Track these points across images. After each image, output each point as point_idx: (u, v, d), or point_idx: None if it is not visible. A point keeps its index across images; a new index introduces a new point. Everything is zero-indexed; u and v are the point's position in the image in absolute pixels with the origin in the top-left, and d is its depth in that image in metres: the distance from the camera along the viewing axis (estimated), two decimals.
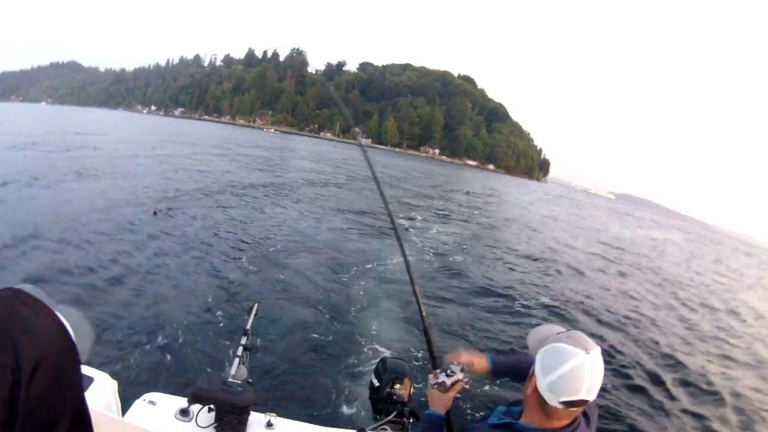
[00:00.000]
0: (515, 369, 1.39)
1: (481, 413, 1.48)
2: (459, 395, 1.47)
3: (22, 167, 13.31)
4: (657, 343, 7.76)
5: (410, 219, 15.70)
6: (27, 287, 0.63)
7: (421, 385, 2.52)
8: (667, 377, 6.36)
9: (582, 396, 1.05)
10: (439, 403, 1.42)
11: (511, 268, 11.24)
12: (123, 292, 5.75)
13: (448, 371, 1.45)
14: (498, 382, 4.65)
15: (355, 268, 8.20)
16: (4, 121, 35.67)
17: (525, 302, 8.43)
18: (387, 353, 4.86)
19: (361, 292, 7.03)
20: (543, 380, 1.08)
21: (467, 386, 1.45)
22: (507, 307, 7.98)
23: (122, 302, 5.45)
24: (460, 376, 1.44)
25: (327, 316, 5.95)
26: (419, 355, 5.03)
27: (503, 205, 31.54)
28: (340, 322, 5.80)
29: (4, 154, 15.95)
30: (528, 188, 73.10)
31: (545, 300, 8.92)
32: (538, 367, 1.11)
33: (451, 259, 10.86)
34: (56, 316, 0.58)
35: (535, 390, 1.10)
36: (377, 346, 5.25)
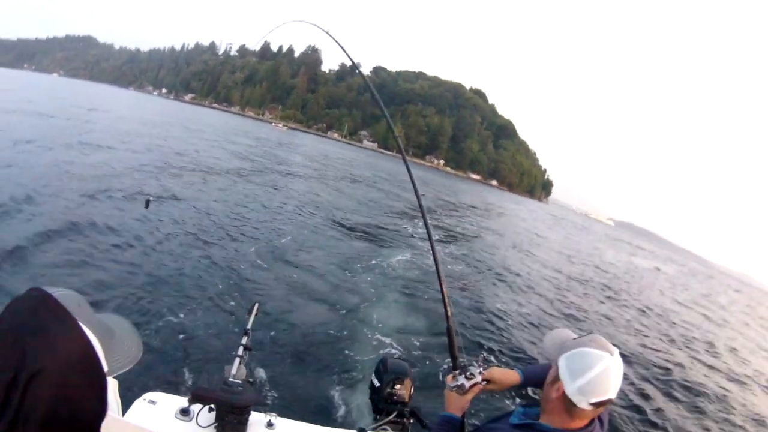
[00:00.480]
0: (544, 376, 1.38)
1: (497, 413, 1.46)
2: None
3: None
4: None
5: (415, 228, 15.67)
6: (65, 293, 0.61)
7: (421, 386, 2.51)
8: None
9: (609, 395, 1.10)
10: (456, 406, 1.42)
11: (494, 283, 11.11)
12: (122, 292, 5.70)
13: (468, 373, 1.43)
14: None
15: (356, 268, 8.20)
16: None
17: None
18: (387, 353, 4.83)
19: (363, 292, 7.02)
20: (572, 384, 1.10)
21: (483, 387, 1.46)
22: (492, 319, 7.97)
23: (122, 302, 5.43)
24: (478, 378, 1.43)
25: (327, 316, 5.97)
26: (421, 355, 5.03)
27: (495, 219, 31.58)
28: (340, 322, 5.81)
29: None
30: (527, 206, 73.63)
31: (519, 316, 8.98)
32: (564, 372, 1.13)
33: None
34: (80, 330, 0.56)
35: (562, 394, 1.12)
36: (378, 346, 5.26)
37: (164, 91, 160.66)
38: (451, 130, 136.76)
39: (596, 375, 1.08)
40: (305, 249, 9.03)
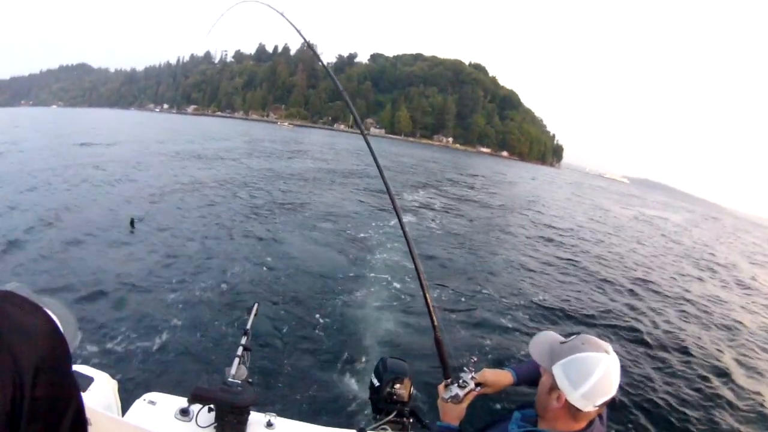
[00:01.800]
0: (537, 375, 1.37)
1: (497, 415, 1.43)
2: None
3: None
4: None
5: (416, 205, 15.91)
6: (12, 286, 0.61)
7: (421, 386, 2.51)
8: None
9: (612, 394, 1.09)
10: (452, 415, 1.41)
11: (493, 253, 10.97)
12: (122, 292, 5.77)
13: (460, 382, 1.42)
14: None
15: (357, 268, 8.01)
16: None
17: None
18: (387, 353, 4.54)
19: (363, 292, 6.87)
20: (575, 393, 1.08)
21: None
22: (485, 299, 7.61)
23: (122, 302, 5.49)
24: (472, 385, 1.41)
25: (327, 315, 5.88)
26: (421, 354, 4.85)
27: (502, 188, 31.64)
28: (340, 322, 5.73)
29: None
30: (537, 173, 71.52)
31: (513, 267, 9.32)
32: (563, 382, 1.11)
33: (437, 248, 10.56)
34: (48, 316, 0.57)
35: (565, 402, 1.11)
36: (378, 346, 5.19)
37: (166, 106, 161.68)
38: (455, 108, 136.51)
39: (598, 379, 1.07)
40: (306, 249, 8.91)
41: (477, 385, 1.43)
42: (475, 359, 1.50)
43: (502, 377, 1.49)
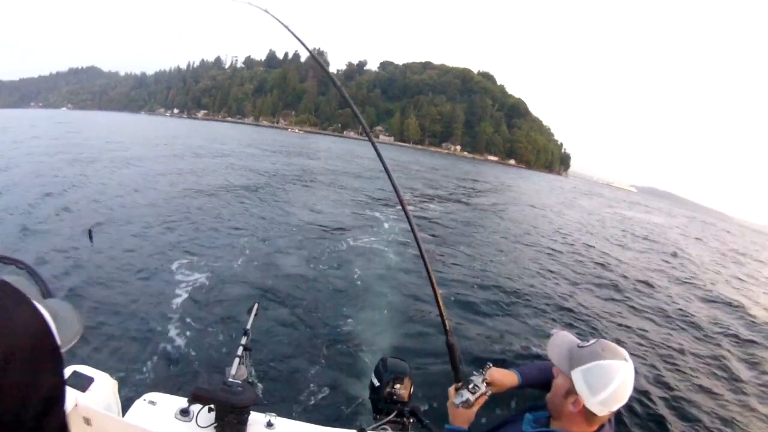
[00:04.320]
0: (542, 378, 1.40)
1: (506, 413, 1.49)
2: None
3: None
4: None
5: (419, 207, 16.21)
6: (12, 279, 0.64)
7: (421, 386, 2.58)
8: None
9: (626, 399, 1.11)
10: (463, 419, 1.42)
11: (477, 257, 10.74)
12: (123, 293, 5.78)
13: (471, 387, 1.42)
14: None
15: (357, 268, 8.00)
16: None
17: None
18: (387, 353, 4.60)
19: (363, 292, 6.86)
20: (593, 399, 1.11)
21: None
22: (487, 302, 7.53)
23: (122, 303, 5.50)
24: (483, 389, 1.41)
25: (327, 316, 5.90)
26: (421, 355, 4.99)
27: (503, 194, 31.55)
28: (340, 322, 5.74)
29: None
30: (539, 182, 69.49)
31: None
32: (582, 388, 1.12)
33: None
34: (35, 310, 0.59)
35: (582, 407, 1.13)
36: (378, 346, 5.18)
37: (176, 111, 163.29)
38: (463, 116, 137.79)
39: (617, 387, 1.09)
40: (306, 249, 8.92)
41: (488, 387, 1.43)
42: (491, 364, 1.47)
43: (508, 378, 1.49)
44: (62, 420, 0.60)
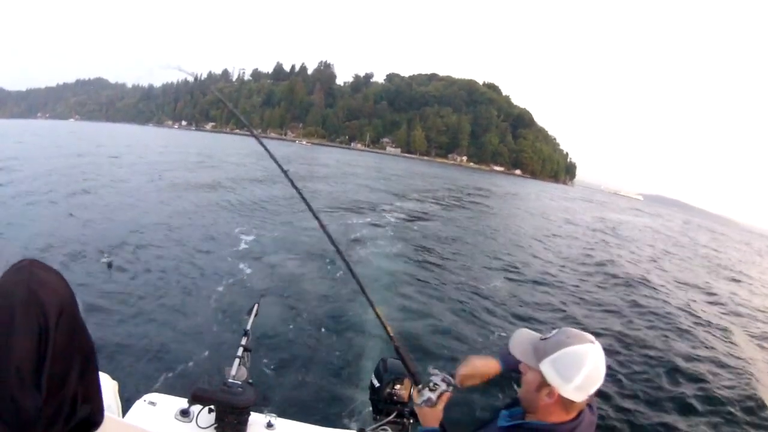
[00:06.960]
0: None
1: (482, 417, 1.46)
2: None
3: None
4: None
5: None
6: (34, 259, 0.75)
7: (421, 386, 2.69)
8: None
9: (601, 380, 1.11)
10: (430, 418, 1.43)
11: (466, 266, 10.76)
12: (123, 293, 5.86)
13: (431, 385, 1.44)
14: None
15: (358, 269, 9.04)
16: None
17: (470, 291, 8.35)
18: (387, 353, 5.03)
19: (363, 294, 7.86)
20: (567, 386, 1.10)
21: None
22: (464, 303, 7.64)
23: (122, 303, 5.55)
24: (443, 386, 1.43)
25: (328, 316, 5.96)
26: (422, 355, 5.02)
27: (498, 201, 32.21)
28: (341, 323, 5.78)
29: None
30: (545, 190, 69.99)
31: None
32: (554, 378, 1.11)
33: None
34: (61, 275, 0.73)
35: (558, 397, 1.12)
36: (378, 346, 5.19)
37: (184, 123, 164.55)
38: (469, 127, 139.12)
39: (590, 370, 1.09)
40: (306, 250, 9.05)
41: (449, 385, 1.43)
42: (436, 369, 1.49)
43: (490, 365, 1.49)
44: (97, 379, 0.71)
